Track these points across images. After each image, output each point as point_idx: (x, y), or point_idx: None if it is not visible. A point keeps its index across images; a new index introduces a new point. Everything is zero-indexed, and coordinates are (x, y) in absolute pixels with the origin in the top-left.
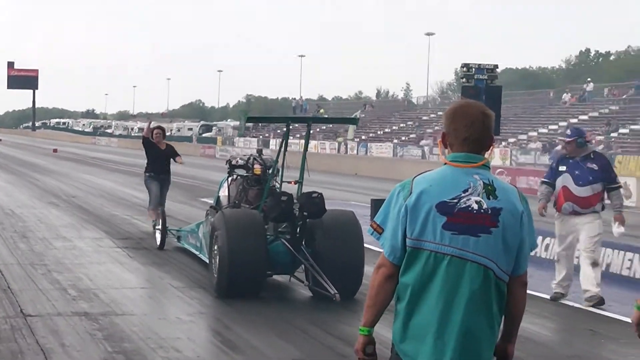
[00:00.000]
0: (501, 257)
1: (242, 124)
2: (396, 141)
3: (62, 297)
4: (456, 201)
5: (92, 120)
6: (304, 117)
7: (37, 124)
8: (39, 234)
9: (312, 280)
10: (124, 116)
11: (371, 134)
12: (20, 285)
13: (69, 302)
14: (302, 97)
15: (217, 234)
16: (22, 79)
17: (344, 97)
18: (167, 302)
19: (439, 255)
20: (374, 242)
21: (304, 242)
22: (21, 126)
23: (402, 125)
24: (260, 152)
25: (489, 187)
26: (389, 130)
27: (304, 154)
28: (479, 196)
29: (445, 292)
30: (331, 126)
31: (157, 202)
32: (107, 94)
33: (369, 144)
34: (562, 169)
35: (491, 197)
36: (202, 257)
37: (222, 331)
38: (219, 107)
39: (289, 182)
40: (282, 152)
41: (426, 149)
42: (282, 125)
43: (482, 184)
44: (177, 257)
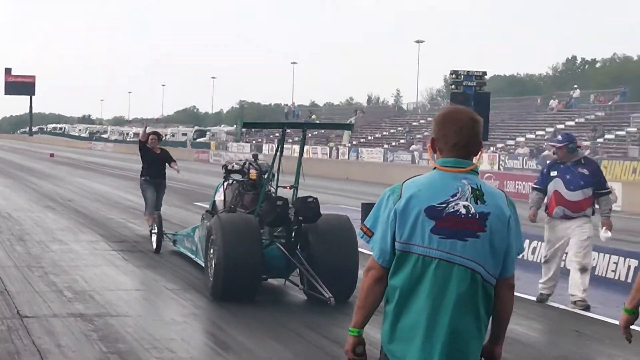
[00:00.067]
0: (488, 261)
1: (238, 129)
2: (386, 146)
3: (58, 298)
4: (444, 205)
5: (88, 125)
6: (299, 123)
7: (34, 129)
8: (36, 236)
9: (307, 284)
10: (119, 121)
11: (362, 139)
12: (17, 287)
13: (64, 303)
14: (294, 103)
15: (213, 238)
16: (19, 85)
17: (335, 103)
18: (162, 304)
19: (427, 258)
20: (368, 247)
21: (299, 247)
22: (18, 131)
23: (392, 130)
24: (255, 157)
25: (477, 191)
26: (380, 135)
27: (299, 159)
28: (467, 201)
29: (433, 295)
30: (323, 131)
31: (153, 208)
32: (102, 100)
33: (359, 149)
34: (553, 174)
35: (479, 201)
36: (198, 261)
37: (216, 333)
38: (213, 112)
39: (285, 187)
40: (277, 157)
41: (416, 154)
42: (274, 130)
43: (470, 188)
44: (172, 260)
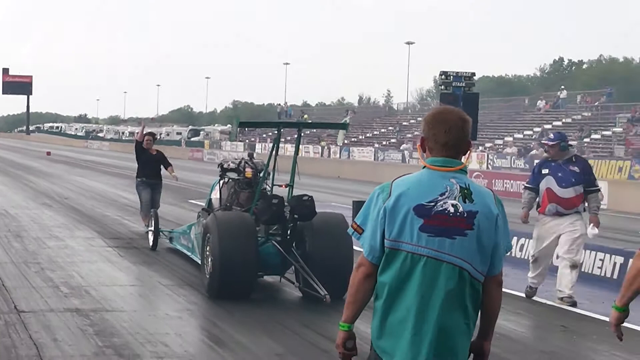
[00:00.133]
0: (476, 259)
1: (234, 128)
2: (377, 145)
3: (54, 294)
4: (433, 204)
5: (85, 124)
6: (295, 122)
7: (31, 128)
8: (33, 233)
9: (302, 281)
10: (115, 121)
11: (353, 139)
12: (14, 282)
13: (61, 298)
14: (286, 103)
15: (210, 235)
16: (17, 85)
17: (327, 103)
18: (156, 299)
19: (416, 256)
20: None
21: (294, 244)
22: (16, 130)
23: (383, 130)
24: (251, 155)
25: (466, 190)
26: (371, 135)
27: (295, 158)
28: (455, 199)
29: (421, 292)
30: (315, 131)
31: (148, 208)
32: (98, 100)
33: (351, 148)
34: (544, 172)
35: (467, 200)
36: (194, 258)
37: (210, 328)
38: (207, 112)
39: (280, 186)
40: (273, 155)
41: (406, 153)
42: (267, 130)
43: (458, 187)
44: (166, 257)
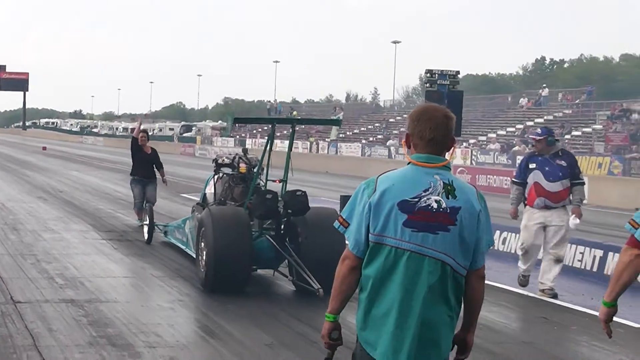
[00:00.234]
0: (459, 253)
1: (228, 124)
2: (364, 141)
3: (50, 285)
4: (417, 200)
5: (79, 120)
6: (289, 119)
7: (27, 124)
8: (29, 226)
9: (295, 275)
10: (109, 117)
11: (341, 135)
12: (10, 274)
13: (56, 290)
14: (276, 100)
15: (204, 230)
16: (13, 82)
17: (315, 101)
18: (149, 291)
19: (399, 250)
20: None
21: (287, 239)
22: (12, 126)
23: (370, 126)
24: (245, 151)
25: (449, 187)
26: (358, 131)
27: (288, 154)
28: (438, 195)
29: (404, 285)
30: (304, 127)
31: (141, 205)
32: (93, 96)
33: (339, 144)
34: (532, 166)
35: (450, 196)
36: (189, 252)
37: (201, 318)
38: (199, 108)
39: (274, 181)
40: (267, 151)
41: (392, 149)
42: (257, 126)
43: (442, 184)
44: (159, 249)
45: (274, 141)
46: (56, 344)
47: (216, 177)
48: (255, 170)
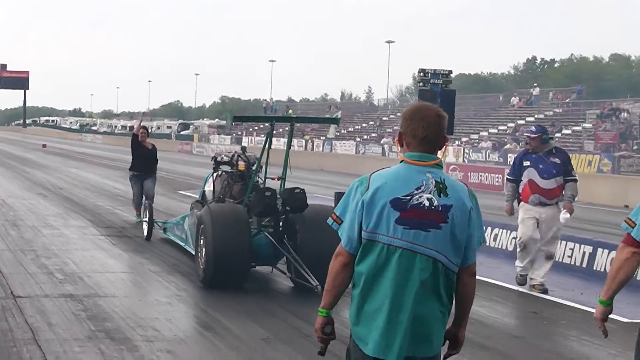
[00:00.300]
0: (450, 250)
1: (228, 122)
2: (358, 139)
3: (49, 280)
4: (409, 198)
5: (79, 118)
6: (288, 117)
7: (27, 122)
8: (29, 222)
9: (294, 271)
10: (108, 115)
11: (336, 133)
12: (10, 269)
13: (55, 284)
14: (272, 98)
15: (203, 227)
16: (14, 80)
17: (311, 99)
18: (147, 286)
19: (392, 247)
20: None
21: (286, 236)
22: (13, 123)
23: (364, 125)
24: (244, 149)
25: (441, 185)
26: (352, 129)
27: (287, 152)
28: (430, 193)
29: (396, 282)
30: (299, 125)
31: (140, 200)
32: (92, 94)
33: (333, 142)
34: (526, 164)
35: (442, 194)
36: (188, 248)
37: (198, 313)
38: (196, 107)
39: (273, 179)
40: (266, 149)
41: (386, 147)
42: (253, 124)
43: (434, 182)
44: (157, 245)
45: (272, 139)
46: (55, 337)
47: (215, 174)
48: (254, 168)
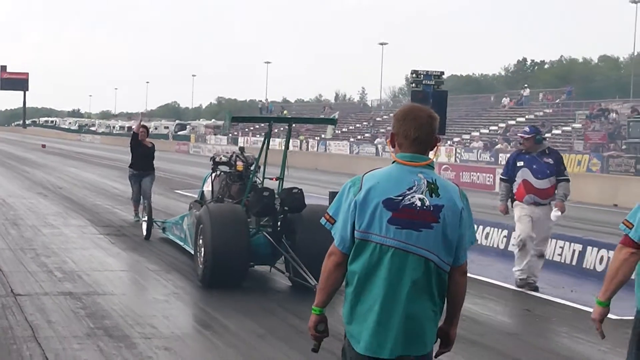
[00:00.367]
0: (442, 250)
1: (227, 123)
2: (352, 140)
3: (49, 278)
4: (401, 198)
5: (78, 119)
6: (286, 118)
7: (27, 122)
8: (29, 221)
9: (292, 271)
10: (106, 115)
11: (333, 133)
12: (10, 267)
13: (55, 283)
14: (267, 99)
15: (202, 226)
16: (14, 81)
17: (305, 100)
18: (145, 284)
19: (384, 247)
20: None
21: (284, 235)
22: (13, 124)
23: (357, 125)
24: (242, 149)
25: (432, 185)
26: (346, 129)
27: (285, 152)
28: (422, 194)
29: (388, 281)
30: (294, 125)
31: (138, 198)
32: (91, 95)
33: (327, 142)
34: (519, 164)
35: (434, 194)
36: (187, 248)
37: (195, 310)
38: (193, 107)
39: (271, 179)
40: (264, 149)
41: (379, 146)
42: (249, 124)
43: (426, 182)
44: (155, 244)
45: (270, 140)
46: (55, 335)
47: (214, 175)
48: (252, 168)
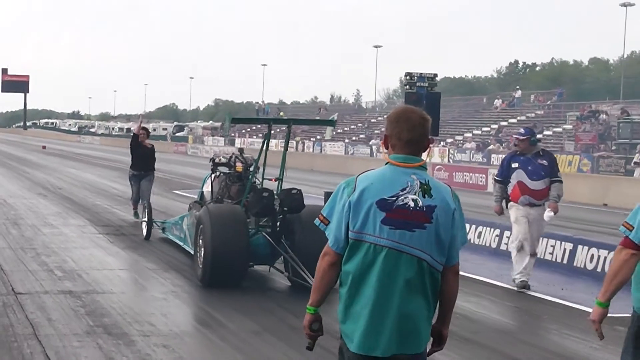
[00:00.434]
0: (434, 250)
1: (226, 124)
2: (347, 140)
3: (49, 277)
4: (395, 199)
5: (77, 120)
6: (285, 119)
7: (27, 124)
8: (29, 221)
9: (291, 270)
10: (105, 117)
11: (325, 134)
12: (11, 266)
13: (55, 281)
14: (264, 101)
15: (202, 227)
16: (15, 84)
17: (301, 102)
18: (143, 282)
19: (378, 247)
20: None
21: (283, 235)
22: (14, 125)
23: (352, 126)
24: (241, 150)
25: (425, 186)
26: (341, 131)
27: (284, 153)
28: (415, 194)
29: (382, 280)
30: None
31: (137, 198)
32: (90, 97)
33: (323, 143)
34: (514, 165)
35: (427, 195)
36: (187, 248)
37: (192, 308)
38: (191, 109)
39: (270, 179)
40: (263, 150)
41: (374, 147)
42: (246, 125)
43: (418, 183)
44: (153, 243)
45: (269, 141)
46: (55, 333)
47: (213, 175)
48: (251, 169)
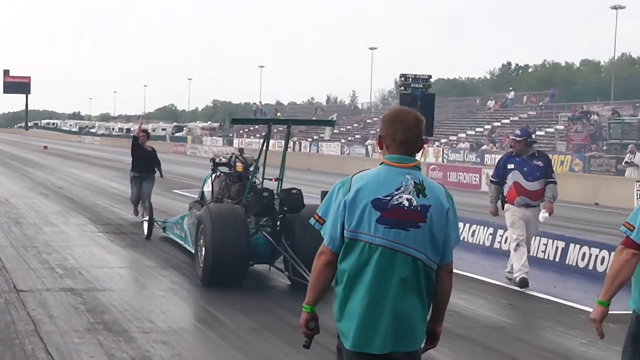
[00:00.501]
0: (429, 249)
1: (226, 125)
2: (343, 141)
3: (50, 275)
4: (389, 198)
5: (78, 121)
6: (285, 119)
7: (29, 124)
8: (30, 220)
9: (291, 270)
10: (105, 118)
11: (322, 134)
12: (13, 264)
13: (56, 279)
14: (261, 102)
15: (203, 226)
16: (16, 85)
17: (298, 103)
18: (143, 280)
19: (373, 246)
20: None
21: (283, 235)
22: (15, 126)
23: (348, 127)
24: (241, 151)
25: (419, 186)
26: (337, 131)
27: (284, 153)
28: (410, 194)
29: (377, 279)
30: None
31: (137, 199)
32: (91, 98)
33: (319, 143)
34: (510, 166)
35: (421, 195)
36: (187, 247)
37: (191, 305)
38: (189, 110)
39: (270, 179)
40: (263, 150)
41: (370, 147)
42: (244, 126)
43: (413, 183)
44: (153, 242)
45: (269, 141)
46: (56, 329)
47: (213, 175)
48: (251, 169)
